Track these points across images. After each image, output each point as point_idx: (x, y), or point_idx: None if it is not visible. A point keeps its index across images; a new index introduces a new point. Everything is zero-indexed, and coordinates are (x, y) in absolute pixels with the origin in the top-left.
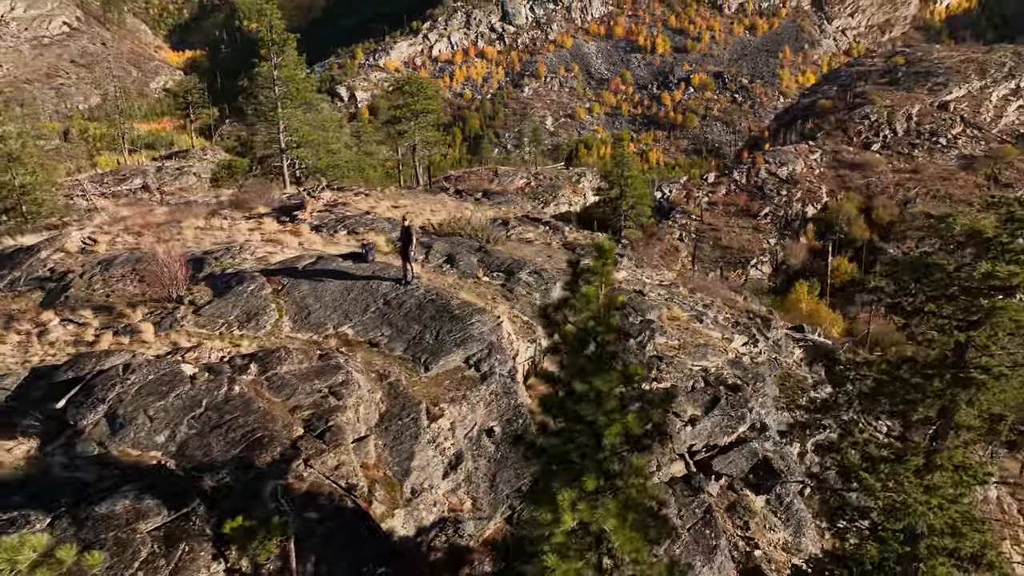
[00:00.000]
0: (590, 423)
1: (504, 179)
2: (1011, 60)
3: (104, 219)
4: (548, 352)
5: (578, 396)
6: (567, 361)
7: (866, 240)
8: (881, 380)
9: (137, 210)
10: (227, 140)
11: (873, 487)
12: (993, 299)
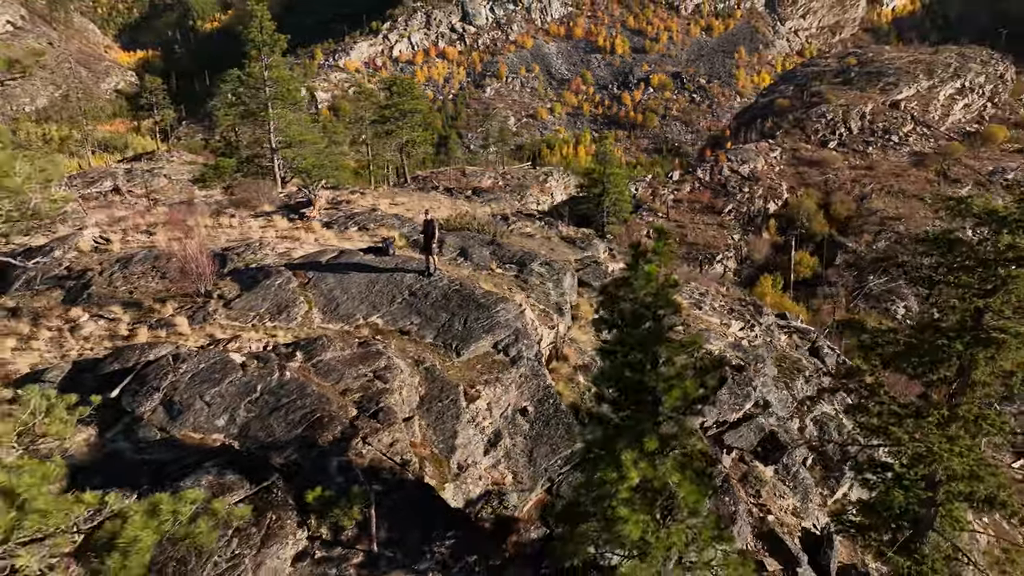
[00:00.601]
0: (650, 389)
1: (472, 179)
2: (956, 61)
3: (101, 219)
4: (606, 326)
5: (636, 365)
6: (626, 333)
7: (826, 235)
8: (910, 343)
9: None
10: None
11: (901, 438)
12: (1008, 269)
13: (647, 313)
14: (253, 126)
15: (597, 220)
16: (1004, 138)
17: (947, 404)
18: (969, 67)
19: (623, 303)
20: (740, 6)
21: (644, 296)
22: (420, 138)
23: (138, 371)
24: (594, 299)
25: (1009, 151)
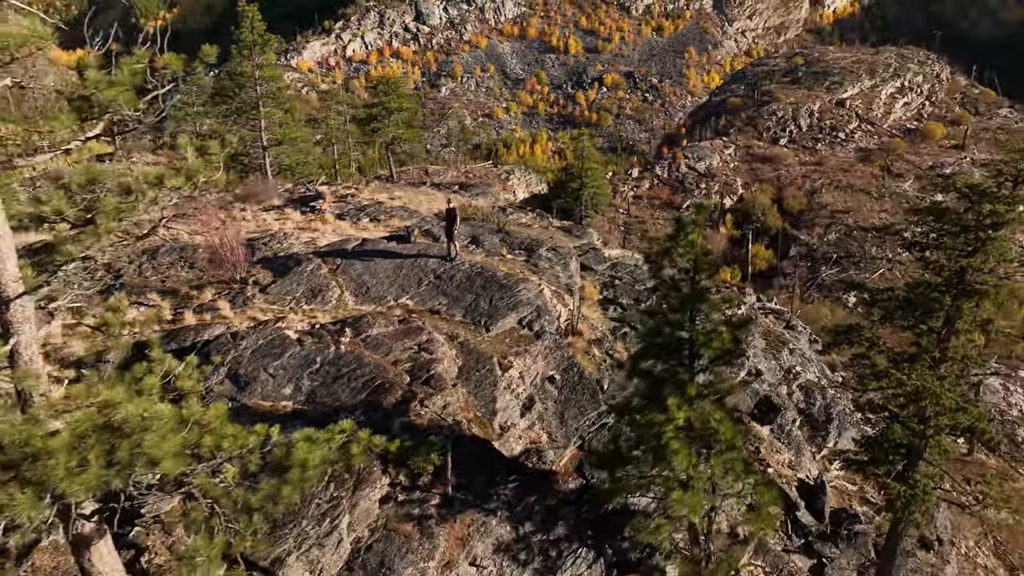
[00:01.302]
0: (688, 343)
1: (435, 177)
2: (895, 61)
3: None
4: (650, 291)
5: (676, 323)
6: (668, 294)
7: (780, 228)
8: (908, 298)
9: None
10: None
11: (901, 379)
12: (987, 233)
13: (687, 276)
14: (237, 124)
15: (576, 213)
16: (941, 135)
17: (937, 349)
18: (908, 67)
19: (666, 269)
20: (689, 7)
21: (686, 262)
22: (406, 135)
23: (199, 349)
24: (597, 281)
25: (946, 147)
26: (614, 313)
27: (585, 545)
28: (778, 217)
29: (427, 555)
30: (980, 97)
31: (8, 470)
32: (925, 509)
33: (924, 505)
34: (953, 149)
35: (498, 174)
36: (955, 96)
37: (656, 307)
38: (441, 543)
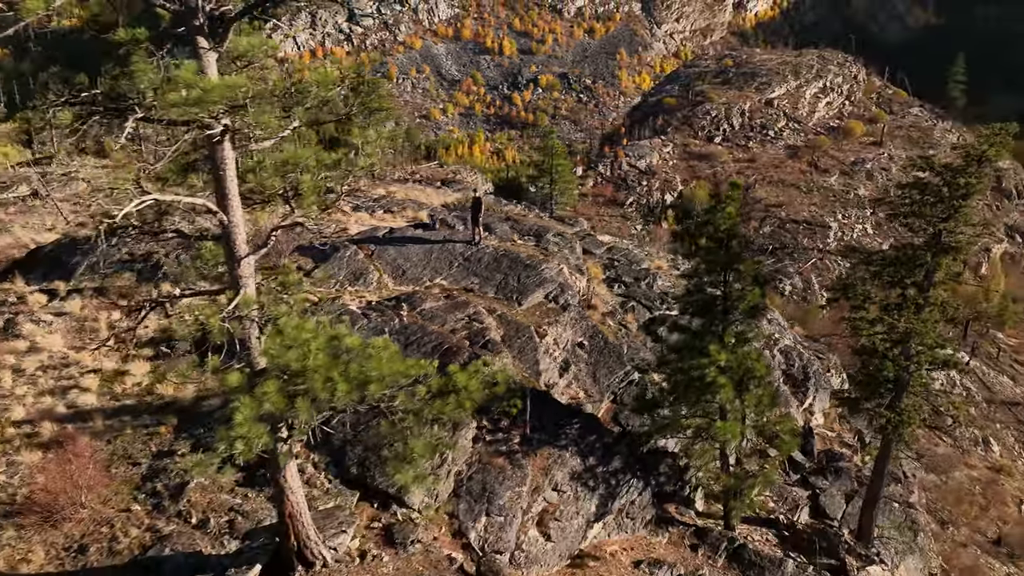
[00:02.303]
0: (724, 298)
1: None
2: (817, 63)
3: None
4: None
5: (714, 282)
6: (706, 258)
7: None
8: (896, 257)
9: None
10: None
11: (894, 323)
12: (959, 202)
13: (723, 242)
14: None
15: (548, 207)
16: (861, 132)
17: (921, 297)
18: (828, 69)
19: (703, 238)
20: (619, 10)
21: (723, 230)
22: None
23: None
24: (598, 263)
25: (866, 144)
26: (619, 290)
27: (635, 476)
28: None
29: (519, 482)
30: (893, 97)
31: (281, 382)
32: (910, 432)
33: (909, 428)
34: (872, 145)
35: (445, 174)
36: (871, 96)
37: (694, 270)
38: (528, 472)
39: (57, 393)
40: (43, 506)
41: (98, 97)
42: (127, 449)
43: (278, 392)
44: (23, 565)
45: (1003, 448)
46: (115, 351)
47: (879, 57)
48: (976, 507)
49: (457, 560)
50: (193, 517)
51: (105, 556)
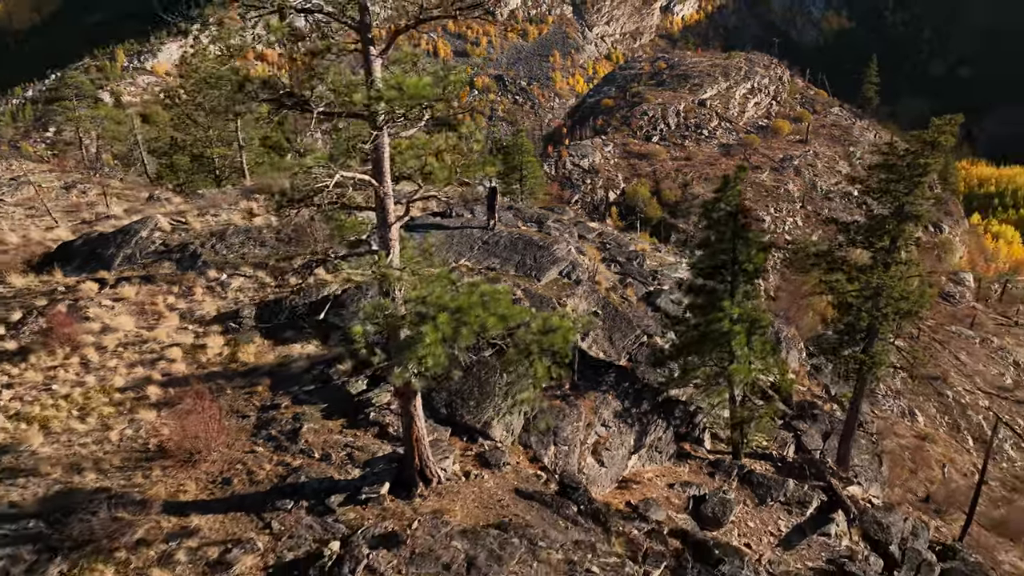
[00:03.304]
0: (733, 263)
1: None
2: (745, 65)
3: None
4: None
5: (725, 250)
6: (719, 230)
7: (660, 217)
8: (868, 225)
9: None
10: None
11: (868, 279)
12: (918, 179)
13: (732, 217)
14: (197, 126)
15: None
16: (788, 131)
17: (888, 258)
18: (756, 71)
19: (715, 213)
20: (551, 12)
21: (731, 205)
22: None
23: (334, 300)
24: (592, 245)
25: (792, 141)
26: (615, 269)
27: (660, 417)
28: (657, 208)
29: (575, 419)
30: (816, 97)
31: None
32: (881, 373)
33: (880, 370)
34: (799, 143)
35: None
36: (795, 96)
37: (706, 240)
38: (582, 411)
39: (146, 364)
40: (178, 451)
41: (286, 95)
42: (232, 405)
43: (448, 323)
44: (181, 495)
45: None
46: (186, 328)
47: (799, 60)
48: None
49: (542, 476)
50: (315, 453)
51: (248, 486)
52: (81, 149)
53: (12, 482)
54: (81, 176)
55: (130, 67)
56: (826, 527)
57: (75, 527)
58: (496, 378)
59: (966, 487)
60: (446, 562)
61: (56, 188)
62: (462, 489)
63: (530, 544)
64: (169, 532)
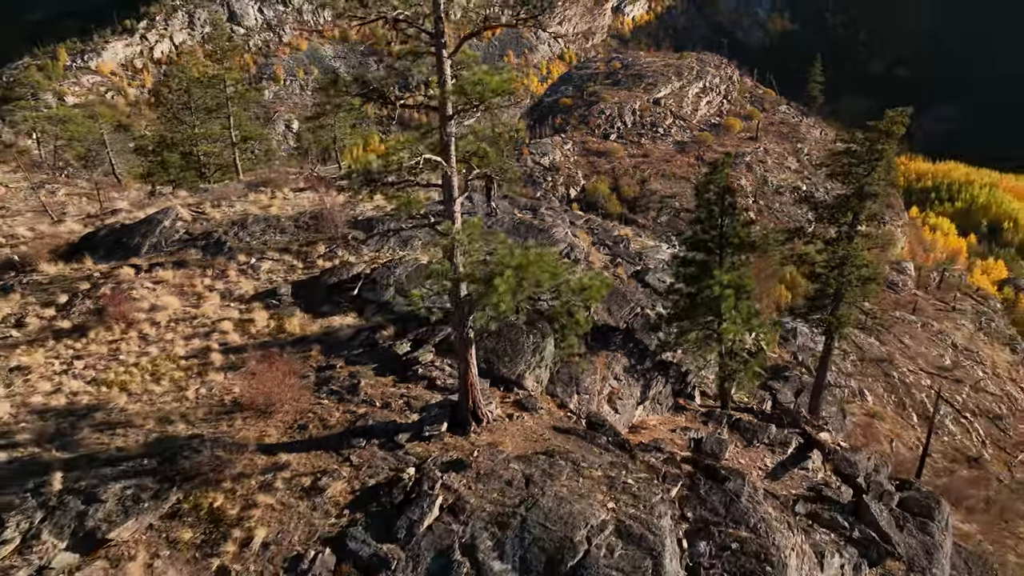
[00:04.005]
0: (720, 237)
1: (290, 180)
2: (697, 65)
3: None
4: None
5: (714, 225)
6: (710, 208)
7: (620, 213)
8: (836, 204)
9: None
10: None
11: (835, 250)
12: (875, 163)
13: (720, 197)
14: (182, 125)
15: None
16: (739, 128)
17: (851, 231)
18: (707, 70)
19: (708, 192)
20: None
21: (720, 187)
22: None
23: (365, 278)
24: (583, 230)
25: (744, 139)
26: (604, 251)
27: (660, 374)
28: (617, 204)
29: (592, 372)
30: (764, 96)
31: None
32: (847, 331)
33: (846, 328)
34: (749, 140)
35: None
36: (745, 95)
37: (699, 217)
38: (597, 366)
39: (201, 336)
40: (253, 405)
41: (372, 90)
42: (290, 367)
43: (512, 277)
44: (266, 438)
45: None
46: (228, 306)
47: (747, 60)
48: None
49: (572, 417)
50: (376, 403)
51: (322, 430)
52: (39, 149)
53: (112, 432)
54: (47, 176)
55: (73, 66)
56: (804, 463)
57: (183, 464)
58: (524, 339)
59: (912, 459)
60: (508, 479)
61: (24, 188)
62: (508, 427)
63: (574, 465)
64: (263, 467)
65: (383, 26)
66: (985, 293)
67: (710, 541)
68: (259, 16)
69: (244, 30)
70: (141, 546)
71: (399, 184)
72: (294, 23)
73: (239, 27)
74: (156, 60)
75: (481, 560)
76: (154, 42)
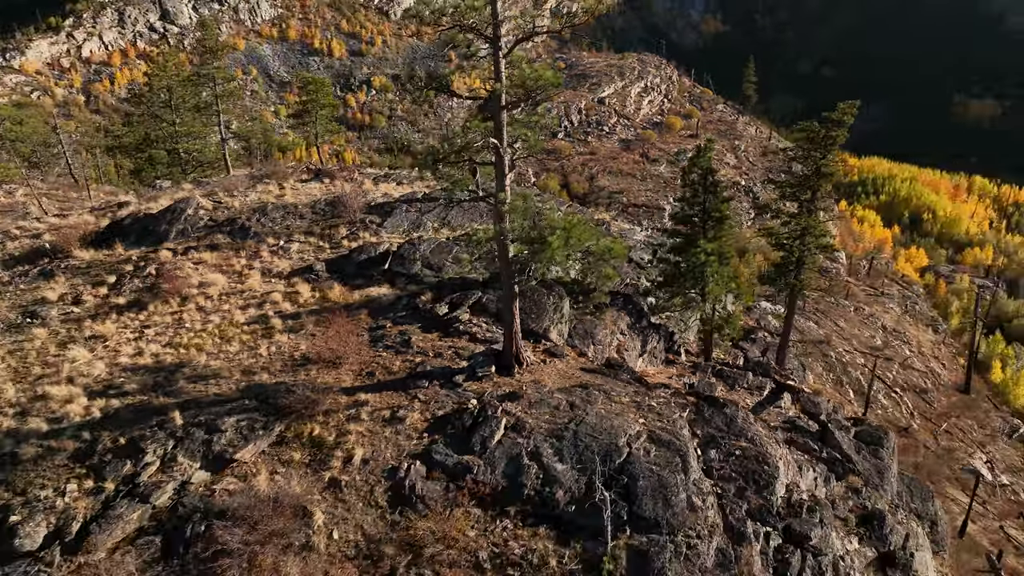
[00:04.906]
0: (703, 212)
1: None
2: (638, 66)
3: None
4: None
5: (698, 201)
6: (695, 186)
7: None
8: (796, 183)
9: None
10: None
11: (795, 221)
12: (829, 147)
13: (704, 177)
14: (162, 123)
15: None
16: (680, 126)
17: (811, 206)
18: (648, 71)
19: (693, 173)
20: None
21: (705, 167)
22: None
23: (393, 254)
24: None
25: (685, 136)
26: None
27: (654, 332)
28: (569, 200)
29: (603, 327)
30: (702, 95)
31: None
32: (807, 295)
33: (806, 291)
34: (690, 137)
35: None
36: (684, 94)
37: (684, 196)
38: (606, 323)
39: (254, 306)
40: (322, 359)
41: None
42: (349, 327)
43: (561, 236)
44: (341, 383)
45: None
46: (270, 281)
47: (683, 61)
48: None
49: (592, 361)
50: (429, 353)
51: (387, 376)
52: None
53: (205, 382)
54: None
55: None
56: (778, 403)
57: (280, 402)
58: (546, 299)
59: None
60: (555, 405)
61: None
62: (544, 369)
63: (606, 394)
64: (346, 404)
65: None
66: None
67: (718, 450)
68: (194, 15)
69: (178, 29)
70: (262, 464)
71: (459, 162)
72: (230, 22)
73: (172, 26)
74: (85, 59)
75: (545, 463)
76: (82, 40)
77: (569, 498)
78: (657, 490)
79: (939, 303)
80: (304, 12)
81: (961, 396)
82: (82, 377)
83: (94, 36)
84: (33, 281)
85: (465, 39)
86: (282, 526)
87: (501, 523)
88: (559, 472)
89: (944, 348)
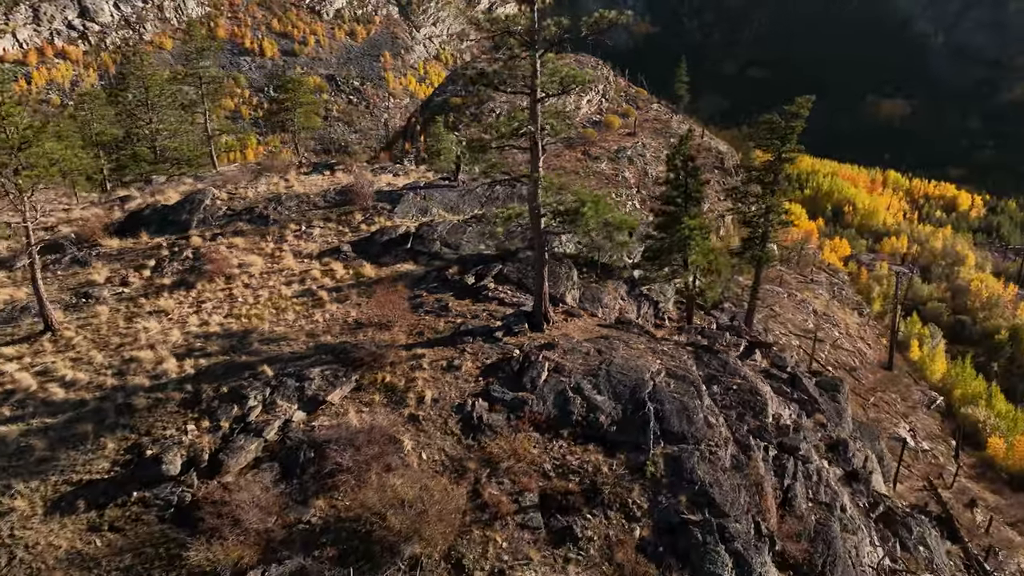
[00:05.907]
0: (686, 193)
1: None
2: (575, 65)
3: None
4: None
5: (681, 184)
6: (678, 170)
7: None
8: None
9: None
10: None
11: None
12: (788, 137)
13: (685, 163)
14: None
15: None
16: (618, 125)
17: (773, 186)
18: (585, 71)
19: (676, 160)
20: (378, 13)
21: (685, 155)
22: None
23: (413, 234)
24: None
25: (623, 135)
26: None
27: (644, 299)
28: None
29: (607, 293)
30: (637, 95)
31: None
32: (772, 264)
33: (771, 261)
34: (628, 136)
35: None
36: (621, 94)
37: (668, 179)
38: (609, 289)
39: (297, 282)
40: (372, 323)
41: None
42: (391, 296)
43: (594, 208)
44: (397, 341)
45: None
46: (302, 261)
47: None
48: None
49: (606, 319)
50: (467, 315)
51: (435, 335)
52: None
53: (277, 344)
54: None
55: None
56: (752, 357)
57: (351, 356)
58: (560, 268)
59: None
60: (585, 352)
61: None
62: (568, 325)
63: (624, 343)
64: (407, 357)
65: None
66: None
67: (719, 385)
68: (115, 12)
69: (99, 27)
70: (349, 405)
71: (500, 147)
72: (155, 20)
73: (92, 23)
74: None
75: (587, 395)
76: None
77: (610, 421)
78: (680, 411)
79: (862, 289)
80: (233, 11)
81: (885, 372)
82: (161, 344)
83: (7, 33)
84: (68, 267)
85: (506, 42)
86: (379, 451)
87: (557, 443)
88: (599, 402)
89: (869, 330)
